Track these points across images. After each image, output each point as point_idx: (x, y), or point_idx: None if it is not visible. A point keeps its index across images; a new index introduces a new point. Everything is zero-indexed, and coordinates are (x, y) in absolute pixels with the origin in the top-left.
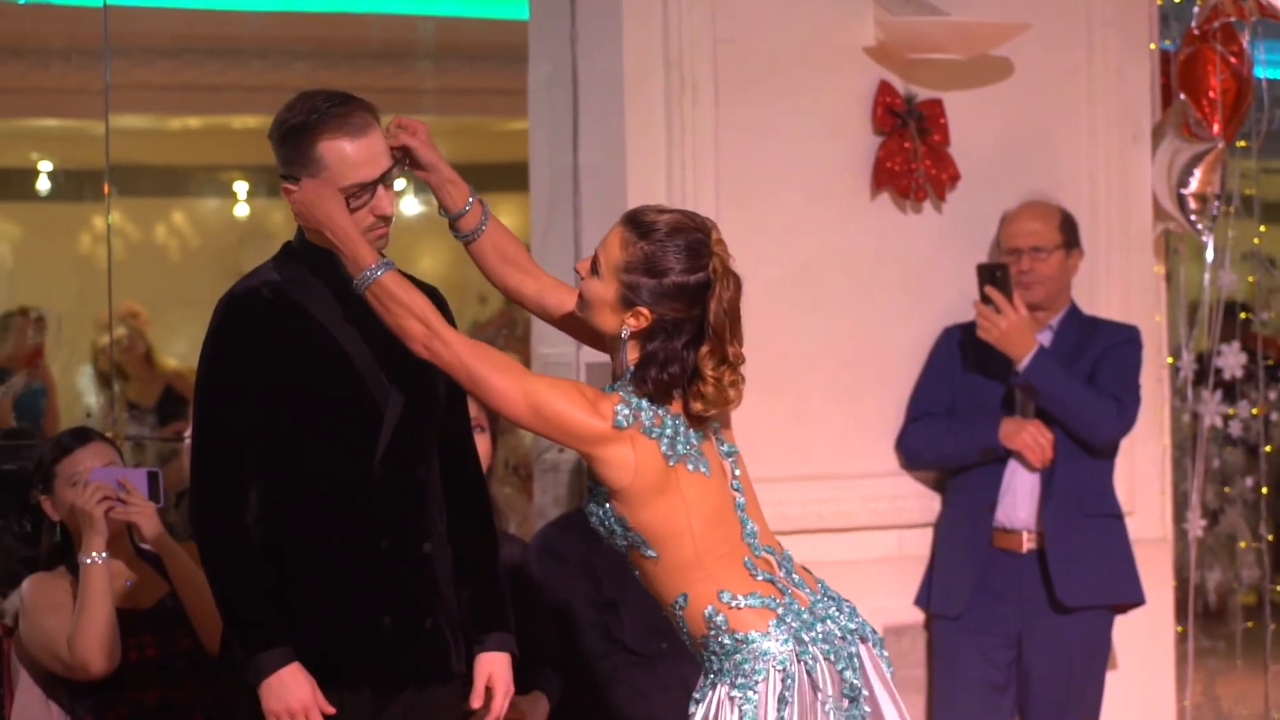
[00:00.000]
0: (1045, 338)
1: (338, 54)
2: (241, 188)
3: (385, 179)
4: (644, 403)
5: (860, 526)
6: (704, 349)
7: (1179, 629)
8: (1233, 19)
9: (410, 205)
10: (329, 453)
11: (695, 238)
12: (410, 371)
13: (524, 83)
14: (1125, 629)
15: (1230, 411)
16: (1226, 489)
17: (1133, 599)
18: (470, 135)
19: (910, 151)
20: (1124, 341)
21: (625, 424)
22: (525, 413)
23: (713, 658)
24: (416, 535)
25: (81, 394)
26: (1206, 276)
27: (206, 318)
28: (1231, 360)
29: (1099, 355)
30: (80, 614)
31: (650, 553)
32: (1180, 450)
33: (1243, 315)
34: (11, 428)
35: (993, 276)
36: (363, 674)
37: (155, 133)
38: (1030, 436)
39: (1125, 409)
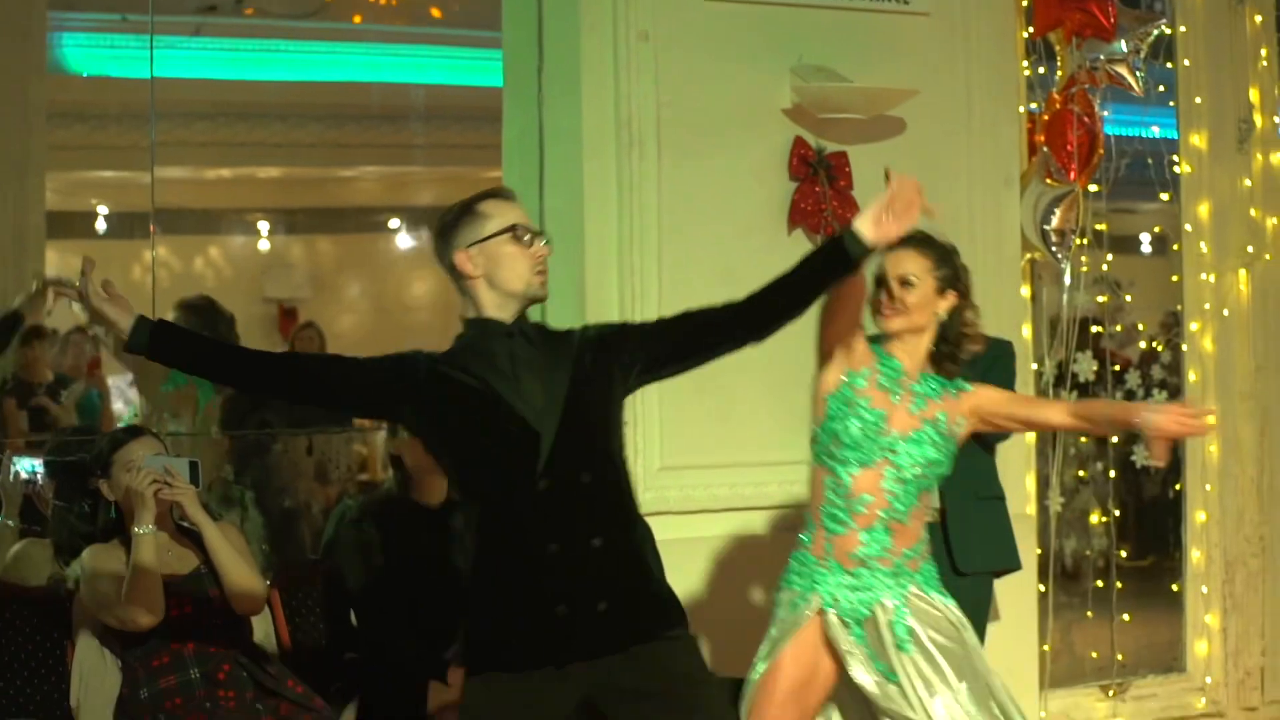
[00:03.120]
0: None
1: (345, 116)
2: (264, 226)
3: (540, 234)
4: None
5: (780, 505)
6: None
7: (1041, 588)
8: (1087, 86)
9: (404, 240)
10: (497, 472)
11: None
12: (563, 399)
13: (499, 139)
14: (998, 588)
15: None
16: (1081, 472)
17: (1013, 566)
18: (453, 183)
19: (820, 195)
20: (1004, 354)
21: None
22: None
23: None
24: (585, 534)
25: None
26: (1064, 297)
27: (237, 335)
28: (1085, 367)
29: (987, 365)
30: (132, 576)
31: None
32: (1043, 441)
33: (1094, 329)
34: (75, 426)
35: None
36: (543, 655)
37: (193, 182)
38: None
39: None
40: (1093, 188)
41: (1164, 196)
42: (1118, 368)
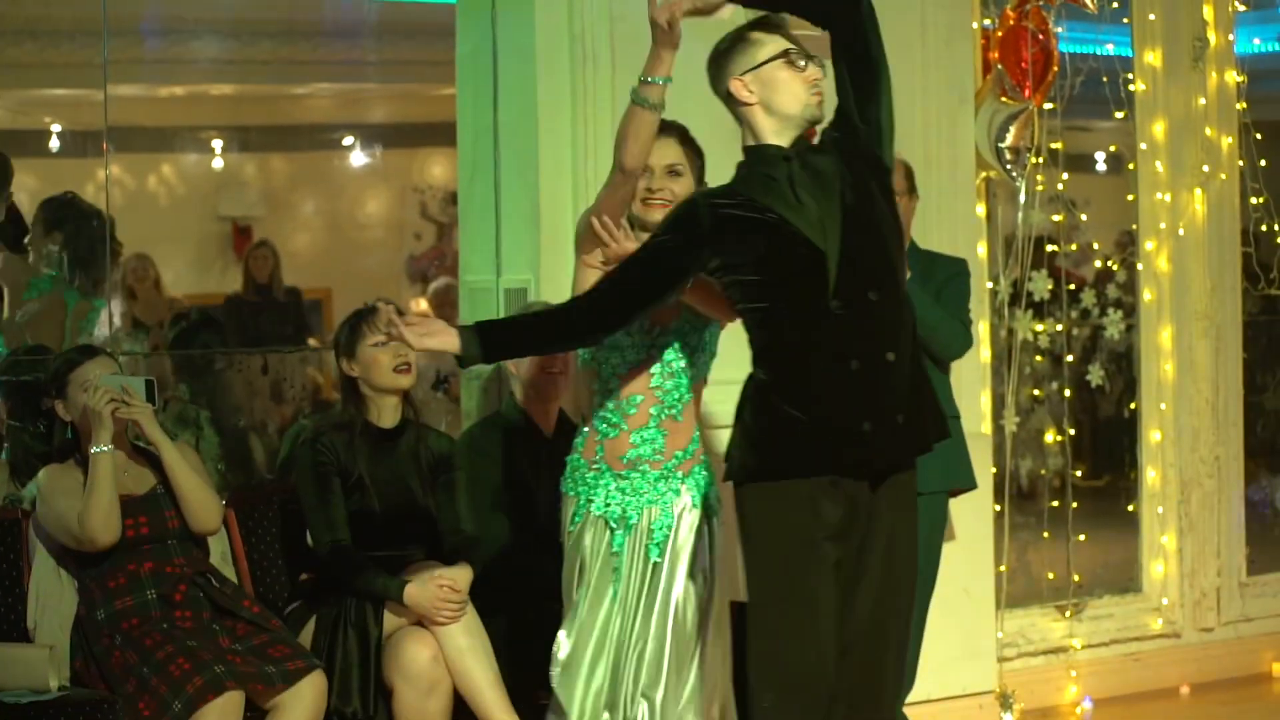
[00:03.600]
0: None
1: (297, 32)
2: (218, 144)
3: (813, 57)
4: None
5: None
6: None
7: (997, 508)
8: (1041, 2)
9: (358, 158)
10: (793, 296)
11: None
12: (840, 216)
13: (452, 55)
14: (954, 508)
15: (1039, 328)
16: (1036, 392)
17: (969, 485)
18: (407, 99)
19: None
20: (959, 273)
21: None
22: None
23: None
24: (879, 349)
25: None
26: (1019, 216)
27: (191, 253)
28: (1040, 286)
29: (941, 284)
30: (90, 494)
31: None
32: (998, 360)
33: (1049, 248)
34: (29, 345)
35: None
36: (855, 469)
37: (146, 99)
38: None
39: (969, 330)
40: (1047, 105)
41: (1119, 115)
42: (1073, 287)
